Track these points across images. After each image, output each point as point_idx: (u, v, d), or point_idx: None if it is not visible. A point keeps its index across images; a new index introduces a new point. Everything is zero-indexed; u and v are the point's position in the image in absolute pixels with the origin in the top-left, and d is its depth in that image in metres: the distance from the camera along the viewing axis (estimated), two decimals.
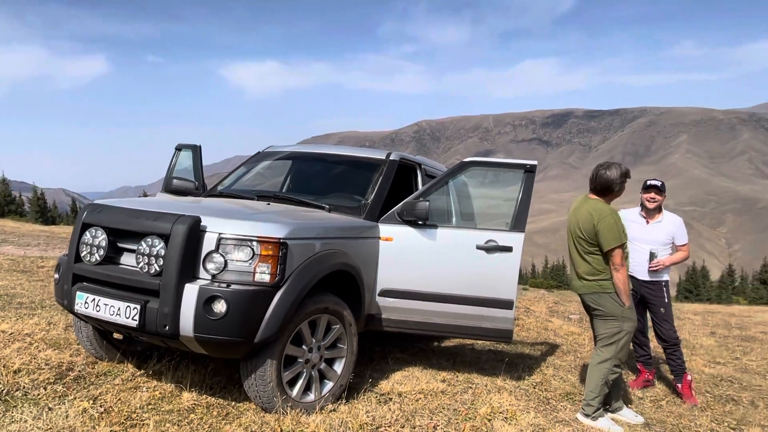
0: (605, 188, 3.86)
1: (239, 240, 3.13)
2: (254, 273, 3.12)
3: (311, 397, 3.50)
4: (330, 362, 3.65)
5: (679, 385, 4.73)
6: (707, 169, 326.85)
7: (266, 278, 3.13)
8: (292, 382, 3.42)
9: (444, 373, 4.54)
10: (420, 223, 4.08)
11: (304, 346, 3.45)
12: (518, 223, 4.11)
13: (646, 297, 4.74)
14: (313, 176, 5.31)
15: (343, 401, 3.61)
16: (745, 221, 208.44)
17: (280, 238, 3.18)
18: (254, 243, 3.13)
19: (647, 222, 4.77)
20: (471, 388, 4.26)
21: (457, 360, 5.12)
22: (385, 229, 4.13)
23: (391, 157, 4.72)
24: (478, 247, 4.06)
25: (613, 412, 4.02)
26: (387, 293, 4.13)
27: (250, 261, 3.12)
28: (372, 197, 4.32)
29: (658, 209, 4.78)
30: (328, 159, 5.27)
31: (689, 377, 4.73)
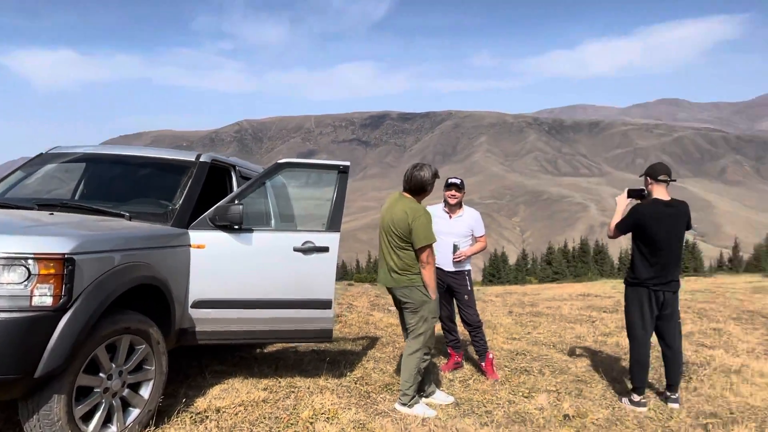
0: (420, 188, 4.06)
1: (9, 259, 2.66)
2: (31, 296, 2.67)
3: (113, 429, 3.12)
4: (135, 387, 3.30)
5: (483, 364, 5.23)
6: (503, 166, 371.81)
7: (48, 301, 2.70)
8: (87, 417, 3.00)
9: (266, 381, 4.42)
10: (235, 227, 3.91)
11: (101, 374, 3.06)
12: (333, 223, 4.17)
13: (452, 286, 5.15)
14: (111, 181, 4.79)
15: (152, 427, 3.29)
16: (534, 211, 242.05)
17: (64, 254, 2.77)
18: (30, 261, 2.68)
19: (450, 217, 5.18)
20: (293, 392, 4.21)
21: (280, 365, 5.03)
22: (195, 236, 3.88)
23: (202, 159, 4.44)
24: (296, 249, 4.03)
25: (427, 396, 4.29)
26: (201, 304, 3.89)
27: (25, 283, 2.67)
28: (180, 202, 4.02)
29: (459, 205, 5.22)
30: (128, 161, 4.78)
31: (491, 355, 5.26)
